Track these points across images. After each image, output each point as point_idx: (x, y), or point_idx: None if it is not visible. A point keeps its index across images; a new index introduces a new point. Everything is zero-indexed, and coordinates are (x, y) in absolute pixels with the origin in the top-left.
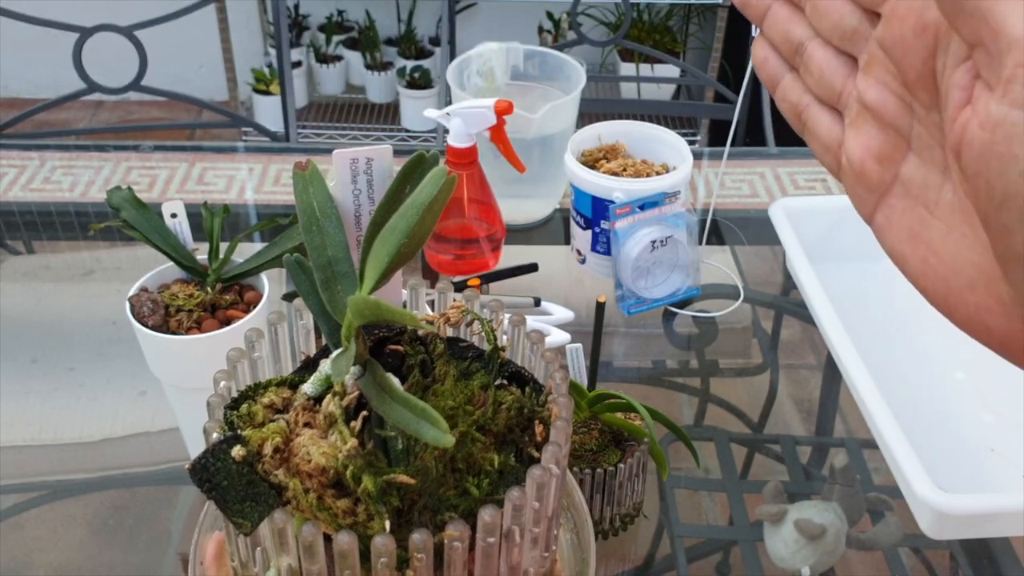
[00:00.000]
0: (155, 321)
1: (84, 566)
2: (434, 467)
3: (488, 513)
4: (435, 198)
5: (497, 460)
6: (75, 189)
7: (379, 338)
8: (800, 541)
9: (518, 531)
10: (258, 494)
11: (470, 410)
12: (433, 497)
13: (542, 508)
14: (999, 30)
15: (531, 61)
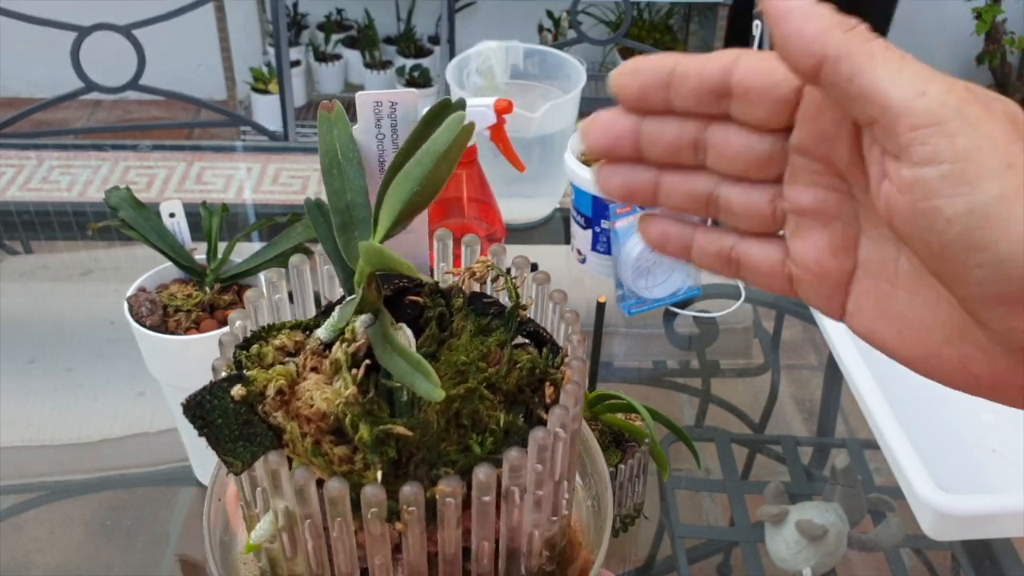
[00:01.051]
0: (153, 321)
1: (82, 567)
2: (435, 421)
3: (483, 472)
4: (451, 145)
5: (503, 419)
6: (73, 189)
7: (399, 288)
8: (801, 542)
9: (517, 492)
10: (253, 435)
11: (483, 367)
12: (432, 451)
13: (546, 470)
14: (885, 104)
15: (531, 60)
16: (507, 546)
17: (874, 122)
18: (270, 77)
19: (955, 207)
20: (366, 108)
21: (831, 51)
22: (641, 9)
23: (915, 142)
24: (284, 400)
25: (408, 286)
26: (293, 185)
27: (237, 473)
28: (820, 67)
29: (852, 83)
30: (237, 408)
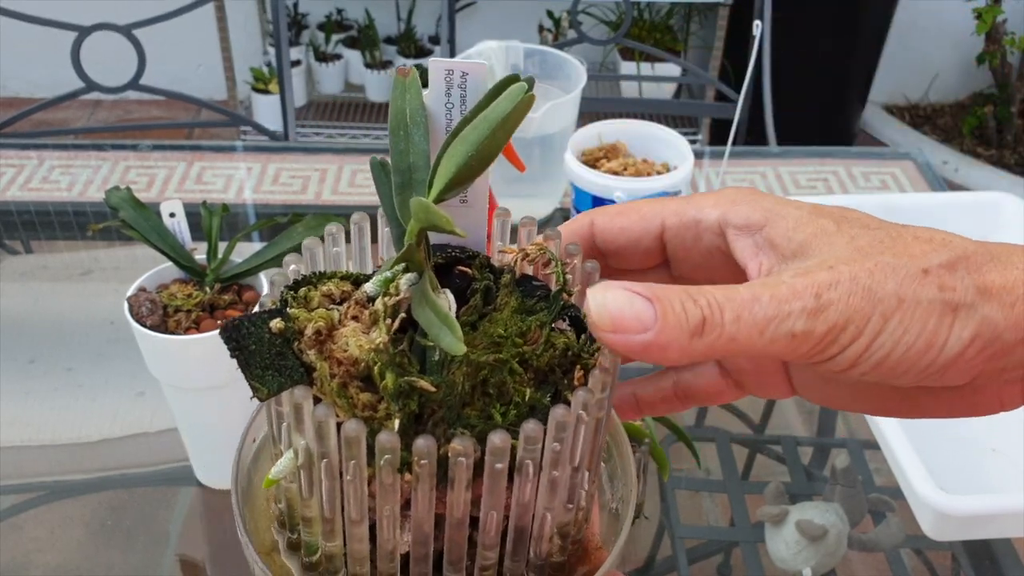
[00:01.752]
0: (153, 321)
1: (82, 567)
2: (461, 384)
3: (499, 436)
4: (508, 114)
5: (530, 394)
6: (73, 189)
7: (452, 258)
8: (801, 542)
9: (531, 466)
10: (284, 367)
11: (518, 342)
12: (452, 412)
13: (564, 452)
14: (761, 352)
15: (531, 60)
16: (516, 523)
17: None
18: (270, 77)
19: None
20: (438, 76)
21: (689, 355)
22: (641, 9)
23: (817, 355)
24: (320, 341)
25: (461, 257)
26: (293, 185)
27: (262, 399)
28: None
29: (732, 348)
30: (273, 339)
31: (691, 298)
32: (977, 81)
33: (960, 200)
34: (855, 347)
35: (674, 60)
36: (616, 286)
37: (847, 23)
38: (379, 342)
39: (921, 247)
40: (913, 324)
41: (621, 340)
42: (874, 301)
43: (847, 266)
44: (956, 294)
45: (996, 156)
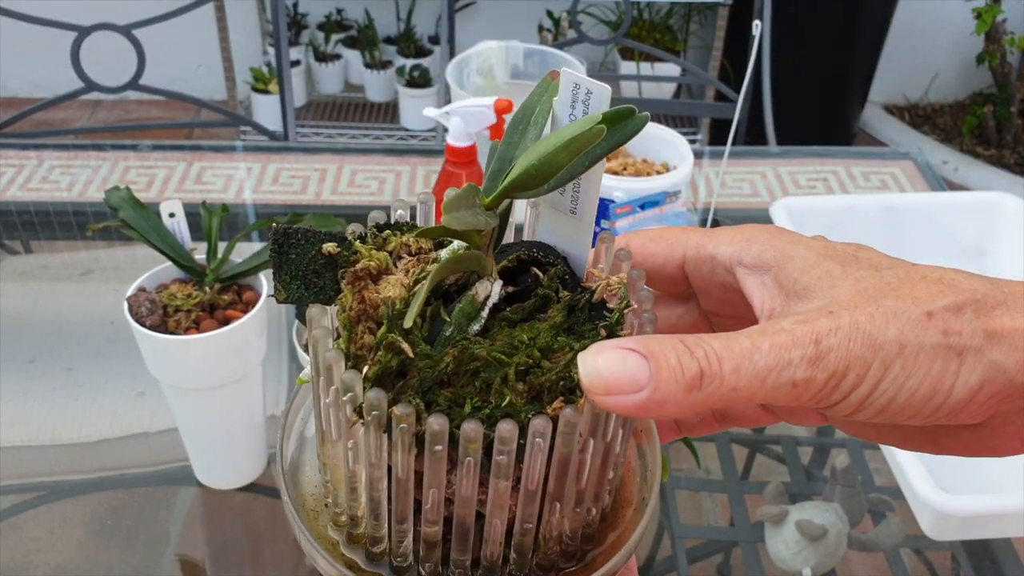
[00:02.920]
0: (153, 321)
1: (82, 567)
2: (447, 364)
3: (436, 421)
4: (574, 138)
5: (509, 400)
6: (73, 189)
7: (533, 258)
8: (801, 542)
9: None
10: (314, 284)
11: (536, 355)
12: (425, 384)
13: (505, 465)
14: (764, 398)
15: (531, 60)
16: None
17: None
18: (270, 77)
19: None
20: (567, 86)
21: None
22: (641, 9)
23: (823, 401)
24: (361, 278)
25: (541, 260)
26: (293, 185)
27: (278, 301)
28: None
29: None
30: (316, 257)
31: (688, 350)
32: (977, 81)
33: (960, 200)
34: (857, 393)
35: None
36: (609, 345)
37: (847, 23)
38: (395, 295)
39: (928, 289)
40: (916, 370)
41: (616, 402)
42: (875, 347)
43: (848, 312)
44: (962, 338)
45: (996, 156)
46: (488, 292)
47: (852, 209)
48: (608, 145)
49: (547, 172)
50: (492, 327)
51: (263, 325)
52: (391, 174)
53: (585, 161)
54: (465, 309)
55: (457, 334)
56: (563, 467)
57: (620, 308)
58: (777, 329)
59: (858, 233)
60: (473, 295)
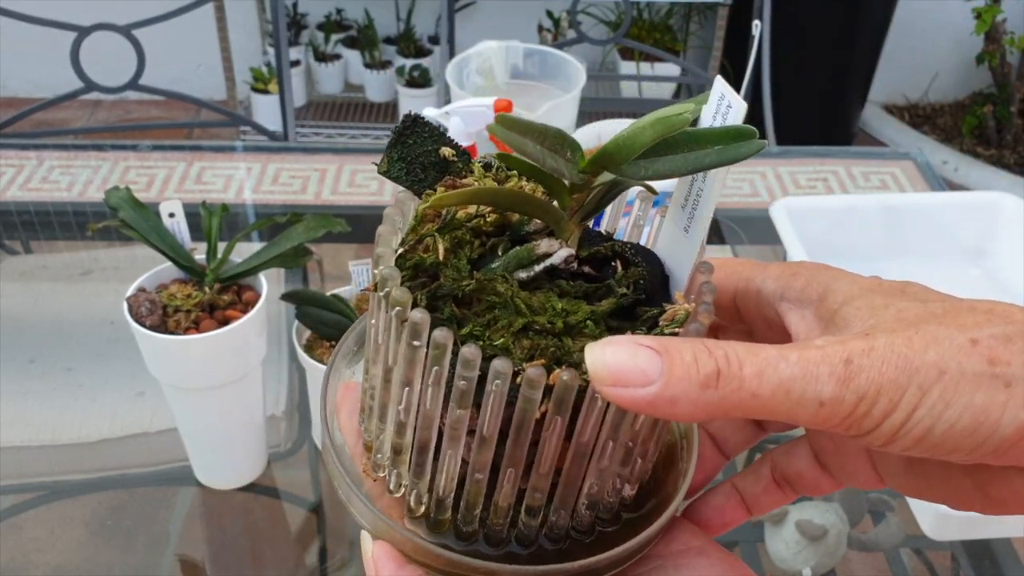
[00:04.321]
0: (153, 321)
1: (82, 567)
2: (467, 284)
3: (440, 334)
4: (660, 118)
5: (502, 342)
6: (73, 189)
7: (620, 254)
8: (801, 542)
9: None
10: (416, 172)
11: (558, 326)
12: (444, 294)
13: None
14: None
15: (531, 60)
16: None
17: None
18: (270, 77)
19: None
20: (716, 95)
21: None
22: (641, 9)
23: (857, 428)
24: (455, 186)
25: (630, 260)
26: (293, 185)
27: (378, 171)
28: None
29: (772, 407)
30: (430, 153)
31: (706, 350)
32: (977, 81)
33: (960, 200)
34: (891, 421)
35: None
36: (620, 339)
37: (847, 23)
38: (469, 215)
39: (975, 318)
40: (957, 398)
41: (623, 394)
42: (910, 371)
43: (885, 335)
44: (1010, 368)
45: (996, 156)
46: (550, 250)
47: (852, 209)
48: (719, 159)
49: (632, 145)
50: (542, 286)
51: (263, 325)
52: None
53: (688, 165)
54: (520, 254)
55: (500, 270)
56: (525, 432)
57: (667, 327)
58: (807, 345)
59: (858, 233)
60: (534, 246)
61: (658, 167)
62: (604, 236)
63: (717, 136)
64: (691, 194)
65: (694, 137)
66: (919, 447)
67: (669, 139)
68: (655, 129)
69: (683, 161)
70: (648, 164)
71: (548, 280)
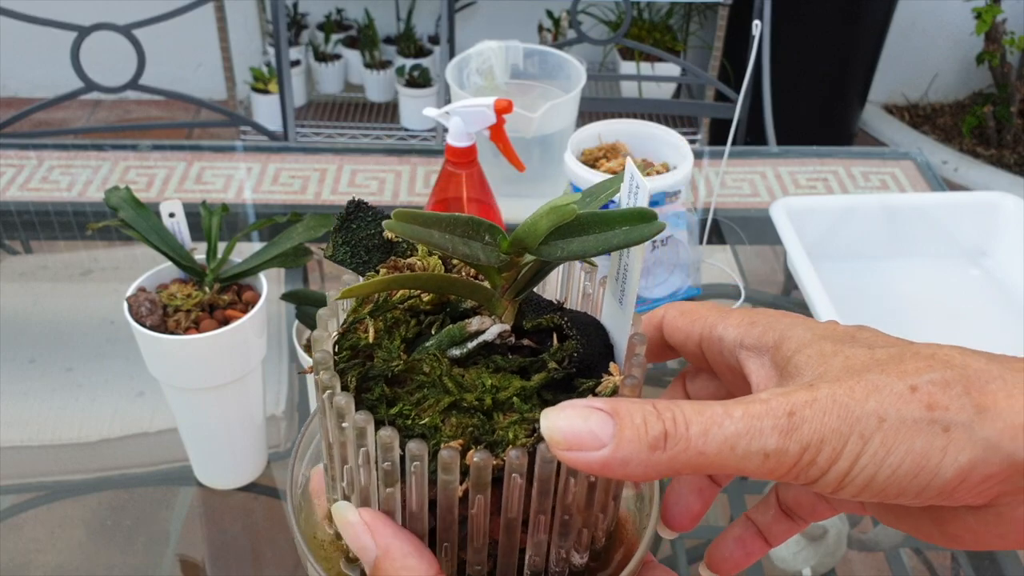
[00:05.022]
0: (153, 321)
1: (82, 567)
2: (396, 364)
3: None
4: (552, 208)
5: (428, 421)
6: (73, 189)
7: (557, 327)
8: (801, 542)
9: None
10: (360, 256)
11: (486, 403)
12: (373, 371)
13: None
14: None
15: (531, 60)
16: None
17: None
18: (270, 77)
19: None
20: (628, 175)
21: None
22: (641, 9)
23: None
24: (400, 269)
25: (567, 334)
26: (293, 185)
27: (325, 256)
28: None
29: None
30: (373, 236)
31: (655, 412)
32: (977, 81)
33: (960, 200)
34: (836, 469)
35: (674, 60)
36: (577, 403)
37: (847, 22)
38: (402, 297)
39: (916, 364)
40: (897, 445)
41: (578, 458)
42: (851, 420)
43: (828, 385)
44: (948, 413)
45: (996, 156)
46: (482, 328)
47: (852, 209)
48: (626, 240)
49: (534, 233)
50: (479, 362)
51: (263, 325)
52: (391, 174)
53: (599, 245)
54: (452, 332)
55: (433, 349)
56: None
57: (594, 387)
58: (753, 399)
59: (858, 233)
60: (466, 324)
61: (572, 248)
62: (553, 306)
63: (624, 218)
64: (620, 268)
65: (604, 219)
66: (867, 492)
67: (583, 220)
68: (549, 218)
69: (595, 242)
70: (564, 244)
71: (485, 356)
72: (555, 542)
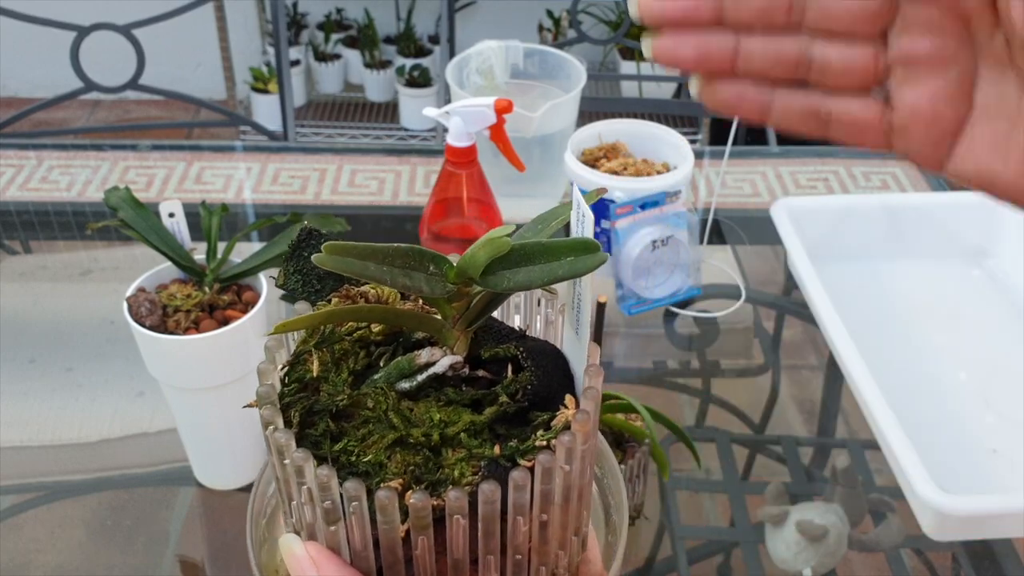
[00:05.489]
0: (153, 321)
1: (82, 567)
2: (341, 399)
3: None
4: (486, 242)
5: (372, 457)
6: (72, 189)
7: (513, 358)
8: (802, 542)
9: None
10: (311, 284)
11: (434, 439)
12: (318, 406)
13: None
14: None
15: (531, 59)
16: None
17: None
18: (270, 77)
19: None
20: (575, 203)
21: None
22: None
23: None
24: (353, 298)
25: (522, 364)
26: (293, 185)
27: (276, 284)
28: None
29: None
30: (321, 273)
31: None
32: None
33: (961, 200)
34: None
35: None
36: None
37: None
38: (355, 329)
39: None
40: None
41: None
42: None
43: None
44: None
45: None
46: (432, 359)
47: (852, 209)
48: (571, 271)
49: (474, 264)
50: (430, 395)
51: (263, 325)
52: (391, 174)
53: (544, 276)
54: (401, 364)
55: (382, 382)
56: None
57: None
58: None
59: (858, 233)
60: (415, 356)
61: (519, 278)
62: (514, 334)
63: (568, 248)
64: (574, 297)
65: (549, 249)
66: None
67: (528, 250)
68: (486, 250)
69: (540, 272)
70: (510, 275)
71: (436, 388)
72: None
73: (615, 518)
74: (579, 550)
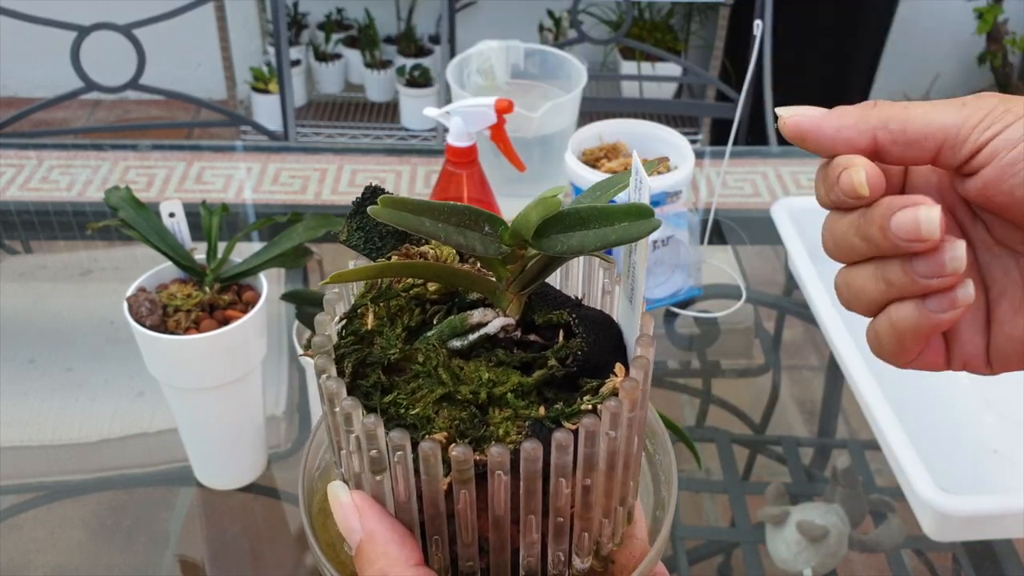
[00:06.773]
0: (153, 321)
1: (82, 567)
2: (393, 352)
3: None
4: (539, 201)
5: (420, 411)
6: (73, 188)
7: (565, 324)
8: (802, 543)
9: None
10: (374, 241)
11: (481, 397)
12: (371, 358)
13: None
14: (941, 125)
15: (531, 59)
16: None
17: (939, 150)
18: (270, 77)
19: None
20: (635, 169)
21: (873, 122)
22: (642, 9)
23: (984, 141)
24: (413, 257)
25: (574, 331)
26: (293, 185)
27: (339, 240)
28: (875, 140)
29: (907, 132)
30: (384, 226)
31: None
32: (978, 81)
33: None
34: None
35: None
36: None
37: (848, 23)
38: (418, 288)
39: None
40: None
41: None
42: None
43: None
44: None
45: None
46: (484, 320)
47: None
48: (622, 237)
49: (526, 225)
50: (481, 355)
51: (263, 325)
52: (391, 174)
53: (597, 241)
54: (453, 323)
55: (435, 339)
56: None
57: (588, 400)
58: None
59: None
60: (467, 315)
61: (571, 242)
62: (569, 302)
63: (622, 213)
64: (629, 265)
65: (603, 214)
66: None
67: (583, 214)
68: (538, 210)
69: (593, 237)
70: (564, 239)
71: (488, 349)
72: (550, 544)
73: (664, 494)
74: (624, 521)
